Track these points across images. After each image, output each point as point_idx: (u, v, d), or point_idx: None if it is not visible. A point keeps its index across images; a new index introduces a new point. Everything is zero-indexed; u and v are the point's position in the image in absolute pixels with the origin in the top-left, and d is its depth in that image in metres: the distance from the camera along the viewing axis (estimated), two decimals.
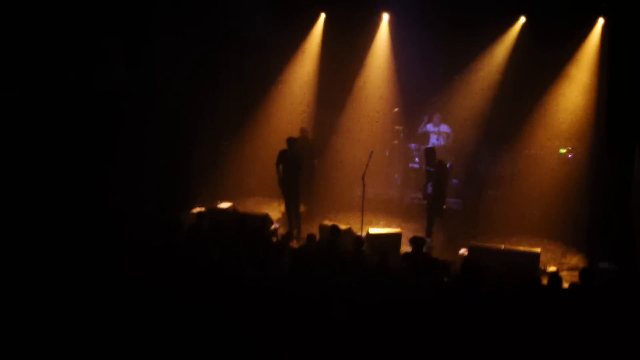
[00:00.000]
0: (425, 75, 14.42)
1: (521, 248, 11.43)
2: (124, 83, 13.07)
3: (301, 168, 12.67)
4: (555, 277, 8.95)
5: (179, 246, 9.80)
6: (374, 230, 11.77)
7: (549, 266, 11.30)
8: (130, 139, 12.82)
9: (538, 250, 11.27)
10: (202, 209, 12.51)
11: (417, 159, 14.54)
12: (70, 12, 11.93)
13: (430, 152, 12.25)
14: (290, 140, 12.59)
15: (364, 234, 11.85)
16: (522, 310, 7.94)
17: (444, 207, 12.38)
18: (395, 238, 11.77)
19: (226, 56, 14.88)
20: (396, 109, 14.94)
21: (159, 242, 9.80)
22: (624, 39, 10.52)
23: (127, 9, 12.64)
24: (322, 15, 15.18)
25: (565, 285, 8.93)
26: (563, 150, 13.47)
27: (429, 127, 14.63)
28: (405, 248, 11.35)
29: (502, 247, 11.30)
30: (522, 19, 13.77)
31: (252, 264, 9.02)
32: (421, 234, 12.16)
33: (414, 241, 10.01)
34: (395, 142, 14.85)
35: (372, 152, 12.33)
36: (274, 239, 11.95)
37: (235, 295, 7.84)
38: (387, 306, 7.71)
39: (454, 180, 14.18)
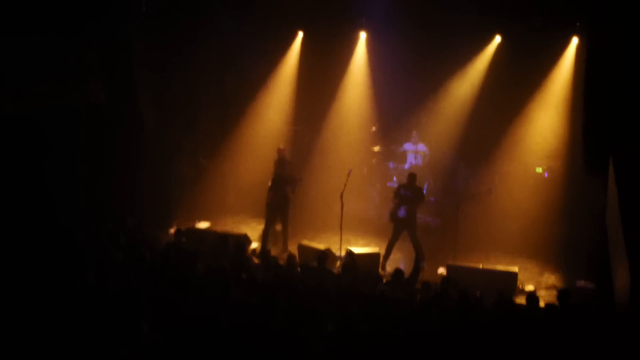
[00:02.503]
0: (402, 94, 14.52)
1: (499, 267, 11.46)
2: (102, 100, 13.01)
3: (289, 187, 12.65)
4: (532, 297, 8.99)
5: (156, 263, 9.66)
6: (356, 250, 11.74)
7: (527, 285, 11.32)
8: (107, 156, 12.76)
9: (516, 269, 11.31)
10: (180, 228, 12.40)
11: (395, 178, 14.57)
12: (45, 26, 11.81)
13: (412, 177, 12.22)
14: (278, 162, 12.66)
15: (342, 253, 11.83)
16: (499, 330, 7.94)
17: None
18: (374, 258, 11.76)
19: (206, 73, 14.94)
20: (374, 128, 14.98)
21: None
22: (597, 58, 10.62)
23: (104, 25, 12.58)
24: (300, 34, 15.23)
25: (542, 304, 8.97)
26: (539, 169, 13.58)
27: (407, 146, 14.69)
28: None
29: (480, 266, 11.34)
30: (498, 38, 13.89)
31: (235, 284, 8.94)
32: (399, 254, 12.22)
33: (395, 275, 9.89)
34: (374, 160, 14.88)
35: (350, 170, 12.33)
36: (255, 259, 11.91)
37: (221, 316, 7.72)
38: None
39: (432, 199, 14.24)
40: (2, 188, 11.23)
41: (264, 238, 12.64)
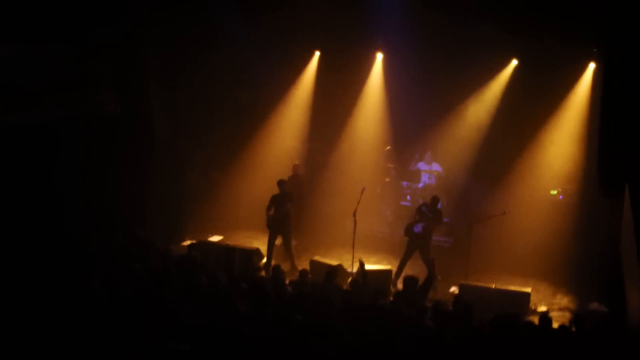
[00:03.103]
0: (417, 115, 14.58)
1: (511, 287, 11.43)
2: (114, 110, 13.10)
3: (291, 205, 12.68)
4: (545, 318, 8.96)
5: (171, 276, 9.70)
6: (367, 267, 11.74)
7: (540, 306, 11.30)
8: (119, 166, 12.83)
9: (528, 290, 11.30)
10: (193, 241, 12.47)
11: (408, 197, 14.61)
12: (58, 35, 11.91)
13: (435, 199, 12.31)
14: (280, 183, 12.67)
15: (354, 270, 11.85)
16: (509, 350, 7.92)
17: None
18: (385, 275, 11.78)
19: (219, 87, 14.99)
20: (388, 147, 15.05)
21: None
22: (614, 83, 10.68)
23: (117, 36, 12.69)
24: (317, 54, 15.36)
25: (555, 325, 8.94)
26: (554, 192, 13.57)
27: (421, 165, 14.75)
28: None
29: (493, 286, 11.31)
30: (514, 62, 13.97)
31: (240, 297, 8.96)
32: (411, 272, 12.19)
33: (407, 281, 9.97)
34: (387, 179, 14.94)
35: (363, 188, 12.40)
36: (263, 274, 11.95)
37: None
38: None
39: (445, 219, 14.24)
40: (14, 195, 11.30)
41: (268, 255, 12.68)
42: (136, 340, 7.25)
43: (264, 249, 12.91)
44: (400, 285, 11.51)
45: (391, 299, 10.12)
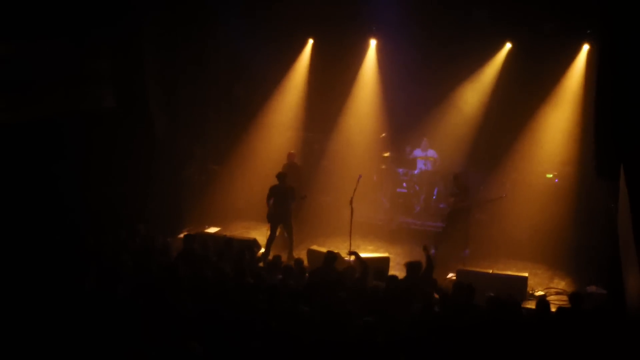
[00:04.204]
0: (412, 100, 14.55)
1: (509, 272, 11.44)
2: (113, 106, 13.08)
3: (291, 198, 12.64)
4: (543, 301, 8.96)
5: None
6: (362, 255, 11.73)
7: (537, 290, 11.30)
8: (119, 162, 12.80)
9: (526, 274, 11.30)
10: (190, 233, 12.44)
11: (404, 184, 14.59)
12: (56, 32, 11.88)
13: (456, 177, 12.74)
14: (280, 176, 12.62)
15: (352, 258, 11.82)
16: (510, 333, 7.93)
17: None
18: (383, 262, 11.76)
19: (216, 80, 15.02)
20: (383, 134, 15.01)
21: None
22: (609, 64, 10.63)
23: (116, 32, 12.65)
24: (310, 41, 15.29)
25: (553, 309, 8.94)
26: (550, 175, 13.55)
27: (417, 152, 14.72)
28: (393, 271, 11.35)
29: (490, 271, 11.31)
30: (508, 45, 13.92)
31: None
32: (409, 258, 12.17)
33: (409, 265, 9.98)
34: (383, 166, 14.90)
35: (360, 176, 12.36)
36: (261, 264, 11.92)
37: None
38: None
39: (441, 205, 14.23)
40: (15, 192, 11.29)
41: (267, 246, 12.67)
42: (138, 341, 7.22)
43: (261, 239, 12.89)
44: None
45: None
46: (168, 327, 7.44)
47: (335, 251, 11.75)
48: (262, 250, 12.62)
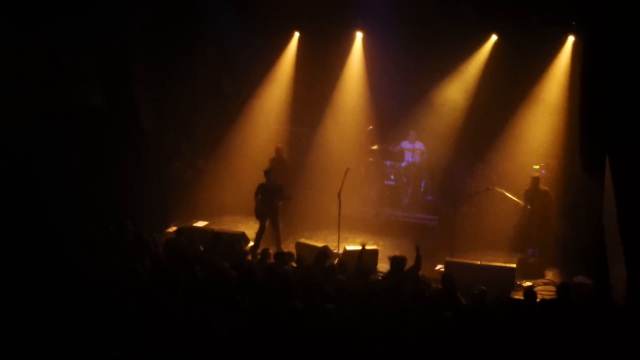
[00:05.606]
0: (399, 93, 14.57)
1: (497, 263, 11.51)
2: (100, 103, 13.00)
3: (278, 196, 12.63)
4: (530, 292, 9.05)
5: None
6: (350, 248, 11.78)
7: (525, 281, 11.38)
8: (105, 159, 12.75)
9: (514, 265, 11.38)
10: (180, 228, 12.43)
11: (392, 176, 14.62)
12: (41, 29, 11.81)
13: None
14: (267, 173, 12.62)
15: (340, 251, 11.87)
16: (503, 325, 8.00)
17: None
18: (372, 255, 11.80)
19: (203, 75, 14.97)
20: (371, 127, 15.02)
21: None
22: (594, 56, 10.70)
23: (103, 29, 12.56)
24: (296, 34, 15.26)
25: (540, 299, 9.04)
26: (536, 167, 13.62)
27: (405, 144, 14.75)
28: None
29: (478, 262, 11.38)
30: (494, 37, 13.96)
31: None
32: (397, 251, 12.23)
33: (393, 260, 10.01)
34: (371, 159, 14.92)
35: (347, 169, 12.39)
36: (249, 257, 11.94)
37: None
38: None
39: (429, 197, 14.29)
40: (2, 191, 11.22)
41: (256, 240, 12.66)
42: (131, 341, 7.21)
43: (249, 232, 12.90)
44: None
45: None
46: (159, 323, 7.46)
47: (324, 244, 11.81)
48: (251, 243, 12.63)
